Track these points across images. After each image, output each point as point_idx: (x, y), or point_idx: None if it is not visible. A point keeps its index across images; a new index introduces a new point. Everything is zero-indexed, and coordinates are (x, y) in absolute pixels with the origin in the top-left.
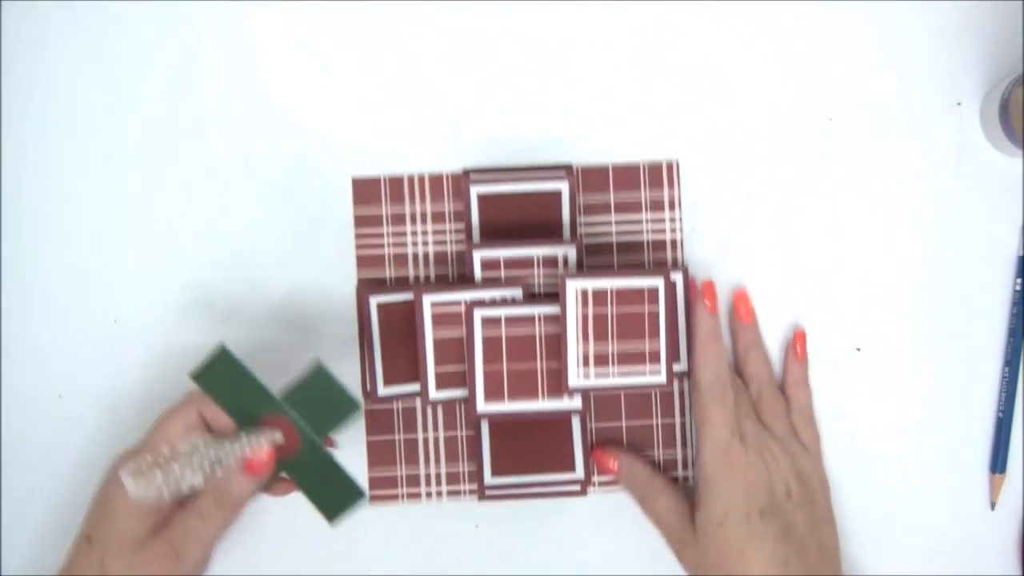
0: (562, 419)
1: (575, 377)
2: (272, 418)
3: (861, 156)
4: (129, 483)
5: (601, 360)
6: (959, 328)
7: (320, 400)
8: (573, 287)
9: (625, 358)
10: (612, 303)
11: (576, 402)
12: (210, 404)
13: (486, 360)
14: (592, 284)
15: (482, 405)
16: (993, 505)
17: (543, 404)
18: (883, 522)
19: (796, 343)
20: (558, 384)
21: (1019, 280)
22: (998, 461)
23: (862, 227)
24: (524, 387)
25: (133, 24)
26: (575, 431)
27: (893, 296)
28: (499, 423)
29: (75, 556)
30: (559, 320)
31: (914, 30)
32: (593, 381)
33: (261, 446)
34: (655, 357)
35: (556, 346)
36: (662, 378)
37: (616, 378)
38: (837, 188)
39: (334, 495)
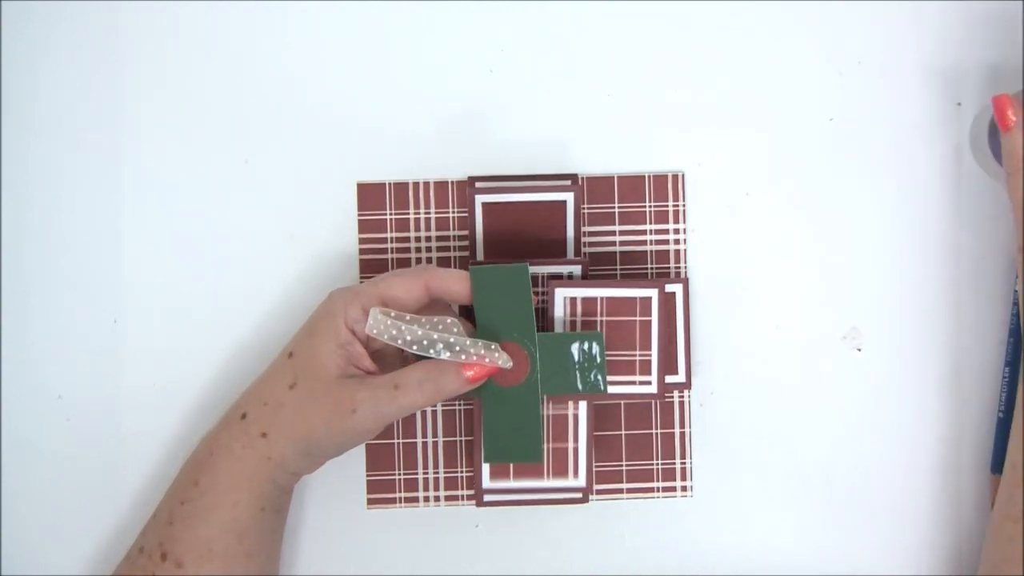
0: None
1: None
2: (512, 345)
3: (861, 156)
4: (376, 315)
5: None
6: (959, 328)
7: (573, 363)
8: (561, 295)
9: (614, 367)
10: (602, 312)
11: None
12: (438, 280)
13: None
14: (581, 293)
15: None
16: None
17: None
18: (884, 522)
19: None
20: (563, 429)
21: (1019, 280)
22: (998, 461)
23: (862, 227)
24: None
25: (134, 25)
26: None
27: (893, 296)
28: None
29: (275, 366)
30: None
31: (914, 30)
32: None
33: (495, 361)
34: (646, 367)
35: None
36: (653, 388)
37: None
38: (837, 188)
39: (511, 441)
